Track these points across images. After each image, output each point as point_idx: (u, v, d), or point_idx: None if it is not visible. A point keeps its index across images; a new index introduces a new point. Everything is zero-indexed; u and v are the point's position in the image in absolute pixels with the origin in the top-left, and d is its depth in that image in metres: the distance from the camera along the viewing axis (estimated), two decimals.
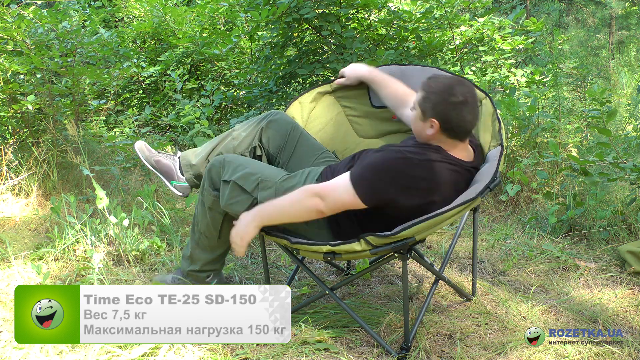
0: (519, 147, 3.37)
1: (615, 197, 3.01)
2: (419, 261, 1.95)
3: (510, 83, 3.91)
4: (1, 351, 1.79)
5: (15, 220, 3.07)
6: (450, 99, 1.80)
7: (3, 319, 2.03)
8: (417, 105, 1.87)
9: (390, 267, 2.56)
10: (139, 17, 5.96)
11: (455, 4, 3.87)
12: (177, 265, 2.48)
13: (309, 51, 4.11)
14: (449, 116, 1.80)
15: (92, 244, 2.60)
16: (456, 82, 1.84)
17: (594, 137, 3.60)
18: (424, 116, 1.85)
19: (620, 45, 9.98)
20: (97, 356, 1.76)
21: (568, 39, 5.09)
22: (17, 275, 2.42)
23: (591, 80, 4.86)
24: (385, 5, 3.97)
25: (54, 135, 3.53)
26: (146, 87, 5.36)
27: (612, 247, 2.62)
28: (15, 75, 3.49)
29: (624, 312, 2.09)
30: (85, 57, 3.70)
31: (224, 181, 1.96)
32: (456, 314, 2.09)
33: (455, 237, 2.14)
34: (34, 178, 3.35)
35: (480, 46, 4.27)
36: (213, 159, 2.04)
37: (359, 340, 1.93)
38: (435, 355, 1.84)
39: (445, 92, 1.81)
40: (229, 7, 4.40)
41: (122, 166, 3.56)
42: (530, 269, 2.47)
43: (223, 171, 1.98)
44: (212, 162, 2.02)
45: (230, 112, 5.10)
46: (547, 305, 2.15)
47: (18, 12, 3.29)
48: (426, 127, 1.85)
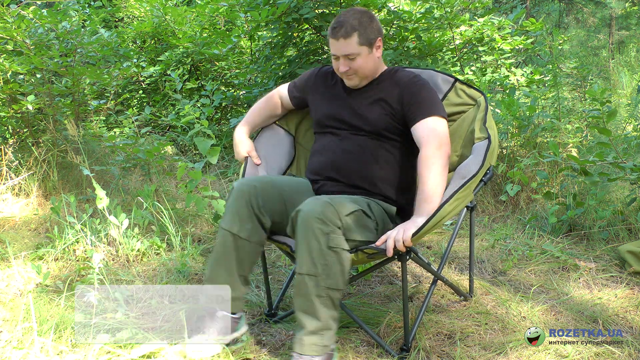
0: (519, 147, 3.37)
1: (615, 197, 3.01)
2: (417, 261, 1.95)
3: (510, 83, 3.91)
4: (1, 351, 1.79)
5: (15, 220, 3.07)
6: (372, 15, 1.97)
7: (3, 319, 2.03)
8: (359, 46, 1.91)
9: (390, 267, 2.56)
10: (139, 17, 5.97)
11: (455, 4, 3.88)
12: (177, 266, 2.47)
13: (309, 51, 4.11)
14: (381, 29, 2.00)
15: (92, 244, 2.60)
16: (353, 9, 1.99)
17: (594, 137, 3.60)
18: (370, 47, 1.94)
19: (620, 45, 9.99)
20: (97, 356, 1.76)
21: (568, 39, 5.09)
22: (17, 275, 2.42)
23: (591, 80, 4.87)
24: (385, 5, 3.97)
25: (54, 135, 3.53)
26: (146, 87, 5.36)
27: (612, 247, 2.62)
28: (15, 75, 3.49)
29: (624, 312, 2.09)
30: (85, 57, 3.71)
31: (347, 215, 1.70)
32: (456, 314, 2.09)
33: (453, 237, 2.14)
34: (34, 178, 3.35)
35: (480, 46, 4.27)
36: (303, 208, 1.67)
37: (359, 340, 1.93)
38: (435, 355, 1.84)
39: (366, 15, 1.95)
40: (229, 7, 4.40)
41: (122, 166, 3.56)
42: (530, 269, 2.47)
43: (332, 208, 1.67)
44: (307, 210, 1.66)
45: (230, 112, 5.11)
46: (547, 305, 2.15)
47: (18, 12, 3.29)
48: (376, 54, 1.98)
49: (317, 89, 2.13)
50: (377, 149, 1.97)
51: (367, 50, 1.94)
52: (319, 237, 1.62)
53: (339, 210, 1.66)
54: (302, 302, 1.67)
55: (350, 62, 1.94)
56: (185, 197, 3.00)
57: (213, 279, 1.84)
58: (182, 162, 3.18)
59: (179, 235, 2.71)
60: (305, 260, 1.64)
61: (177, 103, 4.90)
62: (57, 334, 1.88)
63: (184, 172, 3.02)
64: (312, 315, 1.67)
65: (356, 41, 1.91)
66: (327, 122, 2.06)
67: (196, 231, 2.95)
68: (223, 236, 1.81)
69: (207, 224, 3.07)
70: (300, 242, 1.65)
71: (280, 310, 2.17)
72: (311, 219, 1.63)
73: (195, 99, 4.60)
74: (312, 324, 1.67)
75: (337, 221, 1.64)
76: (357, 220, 1.71)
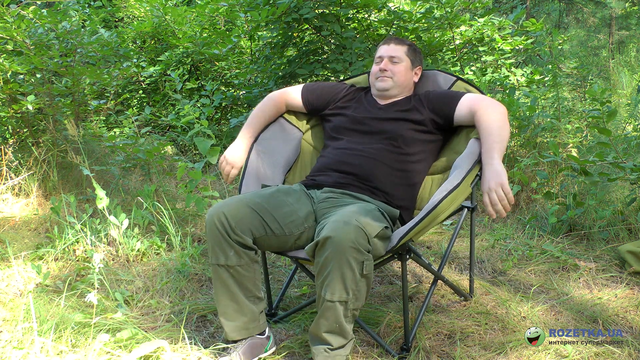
0: (519, 147, 3.37)
1: (615, 197, 3.01)
2: (417, 261, 1.95)
3: (510, 83, 3.91)
4: (1, 351, 1.79)
5: (15, 220, 3.07)
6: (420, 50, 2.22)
7: (3, 319, 2.03)
8: (406, 56, 2.13)
9: (390, 267, 2.56)
10: (139, 17, 5.97)
11: (455, 4, 3.87)
12: (177, 266, 2.47)
13: (309, 51, 4.11)
14: (423, 63, 2.24)
15: (92, 244, 2.60)
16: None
17: (594, 137, 3.60)
18: (412, 66, 2.16)
19: (620, 45, 9.98)
20: (97, 356, 1.76)
21: (568, 39, 5.09)
22: (17, 275, 2.42)
23: (591, 80, 4.87)
24: (385, 5, 3.97)
25: (54, 135, 3.53)
26: (146, 87, 5.36)
27: (612, 247, 2.62)
28: (15, 75, 3.49)
29: (624, 312, 2.09)
30: (85, 57, 3.71)
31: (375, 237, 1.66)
32: (456, 314, 2.09)
33: (453, 237, 2.14)
34: (34, 178, 3.35)
35: (480, 46, 4.27)
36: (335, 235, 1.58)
37: (359, 340, 1.93)
38: (435, 355, 1.84)
39: (415, 45, 2.20)
40: (229, 7, 4.40)
41: (122, 166, 3.56)
42: (530, 269, 2.47)
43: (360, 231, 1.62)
44: (340, 237, 1.58)
45: (230, 112, 5.11)
46: (547, 305, 2.15)
47: (18, 12, 3.29)
48: (413, 76, 2.17)
49: (344, 98, 2.20)
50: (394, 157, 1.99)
51: (410, 64, 2.14)
52: (353, 266, 1.58)
53: (368, 233, 1.61)
54: (328, 325, 1.66)
55: (392, 65, 2.10)
56: (185, 197, 3.00)
57: (225, 313, 1.79)
58: (182, 162, 3.18)
59: (179, 235, 2.71)
60: (337, 287, 1.60)
61: (177, 103, 4.90)
62: (57, 334, 1.88)
63: (184, 172, 3.02)
64: (339, 334, 1.68)
65: (405, 51, 2.13)
66: (349, 127, 2.09)
67: (196, 231, 2.95)
68: (215, 271, 1.78)
69: None
70: (333, 270, 1.59)
71: (280, 310, 2.17)
72: (346, 248, 1.57)
73: (195, 99, 4.60)
74: (338, 341, 1.69)
75: (368, 246, 1.61)
76: (382, 237, 1.70)
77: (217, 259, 1.76)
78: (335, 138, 2.11)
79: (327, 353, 1.69)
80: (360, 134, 2.06)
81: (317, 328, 1.68)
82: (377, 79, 2.11)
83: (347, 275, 1.58)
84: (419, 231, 1.70)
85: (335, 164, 2.01)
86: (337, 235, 1.57)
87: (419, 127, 2.03)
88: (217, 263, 1.76)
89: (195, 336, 1.96)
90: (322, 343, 1.70)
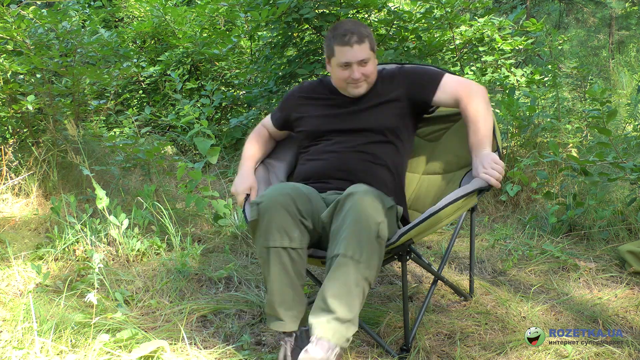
0: (519, 147, 3.37)
1: (615, 197, 3.01)
2: (417, 262, 1.95)
3: (510, 83, 3.91)
4: (1, 351, 1.79)
5: (15, 220, 3.07)
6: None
7: (3, 318, 2.03)
8: (371, 51, 1.97)
9: (390, 267, 2.56)
10: (139, 17, 5.97)
11: (455, 4, 3.87)
12: (177, 266, 2.47)
13: (309, 51, 4.11)
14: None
15: (92, 244, 2.60)
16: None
17: (594, 137, 3.60)
18: (375, 53, 2.01)
19: (620, 45, 9.98)
20: (97, 356, 1.76)
21: (568, 39, 5.09)
22: (17, 275, 2.42)
23: (591, 80, 4.86)
24: (385, 5, 3.98)
25: (54, 135, 3.53)
26: (146, 87, 5.36)
27: (612, 247, 2.62)
28: (15, 75, 3.49)
29: (624, 312, 2.08)
30: (85, 57, 3.71)
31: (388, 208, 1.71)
32: (456, 314, 2.09)
33: (453, 238, 2.14)
34: (34, 178, 3.35)
35: (480, 46, 4.27)
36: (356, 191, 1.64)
37: (359, 340, 1.93)
38: (435, 355, 1.84)
39: (365, 24, 2.11)
40: (229, 7, 4.41)
41: (122, 166, 3.56)
42: (530, 269, 2.47)
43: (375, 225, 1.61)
44: (361, 194, 1.63)
45: (230, 112, 5.11)
46: (547, 305, 2.15)
47: (18, 12, 3.29)
48: (376, 61, 2.05)
49: (306, 103, 2.11)
50: (382, 150, 1.98)
51: (374, 56, 2.00)
52: (370, 224, 1.58)
53: (383, 203, 1.65)
54: (337, 286, 1.56)
55: (362, 68, 1.96)
56: (185, 197, 3.00)
57: (284, 302, 1.69)
58: (182, 162, 3.18)
59: (179, 235, 2.71)
60: (351, 243, 1.57)
61: (177, 103, 4.90)
62: (57, 334, 1.88)
63: (184, 172, 3.02)
64: (345, 302, 1.56)
65: (368, 47, 1.96)
66: (325, 129, 2.03)
67: (196, 231, 2.95)
68: (276, 255, 1.67)
69: (207, 224, 3.07)
70: (350, 226, 1.58)
71: None
72: (365, 204, 1.60)
73: (195, 99, 4.60)
74: (344, 311, 1.56)
75: (383, 212, 1.63)
76: (392, 215, 1.72)
77: (281, 241, 1.67)
78: (314, 144, 2.05)
79: (328, 324, 1.55)
80: (344, 133, 2.00)
81: (322, 291, 1.59)
82: (350, 85, 1.98)
83: (363, 233, 1.58)
84: (420, 232, 1.71)
85: (331, 171, 1.97)
86: (358, 192, 1.63)
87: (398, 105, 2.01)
88: (280, 246, 1.67)
89: (195, 336, 1.96)
90: (324, 311, 1.57)
